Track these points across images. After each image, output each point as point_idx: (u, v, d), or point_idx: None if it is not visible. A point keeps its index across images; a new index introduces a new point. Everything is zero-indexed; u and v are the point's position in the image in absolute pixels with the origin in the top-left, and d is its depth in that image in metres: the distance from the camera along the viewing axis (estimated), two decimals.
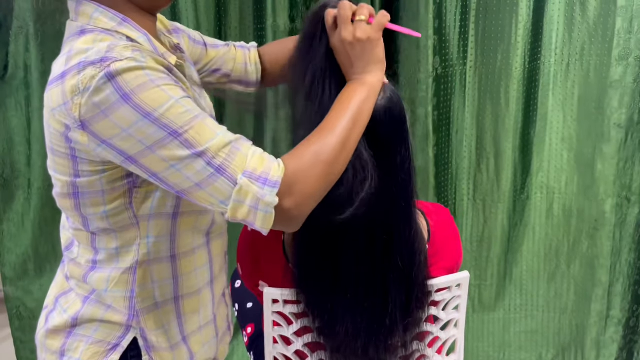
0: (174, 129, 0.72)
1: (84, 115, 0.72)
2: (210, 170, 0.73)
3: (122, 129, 0.71)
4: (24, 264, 1.93)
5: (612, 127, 1.70)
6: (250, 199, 0.74)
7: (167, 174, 0.74)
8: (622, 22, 1.62)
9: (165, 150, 0.72)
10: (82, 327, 0.87)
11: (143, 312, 0.87)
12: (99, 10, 0.79)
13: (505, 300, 1.91)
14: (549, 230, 1.85)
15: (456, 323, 1.11)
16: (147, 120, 0.71)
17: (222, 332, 1.01)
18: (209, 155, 0.73)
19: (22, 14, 1.76)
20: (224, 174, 0.74)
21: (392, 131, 0.93)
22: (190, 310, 0.91)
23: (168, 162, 0.73)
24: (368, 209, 0.93)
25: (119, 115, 0.71)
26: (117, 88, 0.70)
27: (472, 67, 1.76)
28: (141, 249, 0.84)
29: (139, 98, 0.71)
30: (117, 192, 0.80)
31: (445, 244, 1.09)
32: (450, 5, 1.71)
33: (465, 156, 1.82)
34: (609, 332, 1.84)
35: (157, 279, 0.87)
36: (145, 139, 0.72)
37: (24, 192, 1.89)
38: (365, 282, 0.98)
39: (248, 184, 0.74)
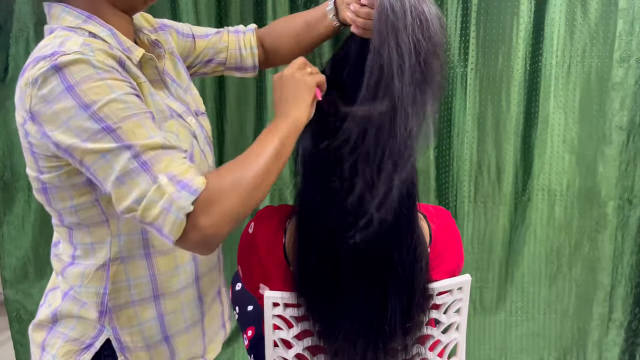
0: (108, 123, 0.72)
1: (33, 106, 0.74)
2: (135, 164, 0.72)
3: (63, 120, 0.73)
4: (24, 267, 1.94)
5: (614, 129, 1.69)
6: (164, 199, 0.72)
7: (97, 166, 0.73)
8: (624, 24, 1.62)
9: (97, 143, 0.72)
10: (61, 324, 0.89)
11: (116, 309, 0.87)
12: (65, 10, 0.82)
13: (507, 303, 1.91)
14: (551, 232, 1.84)
15: (457, 326, 1.10)
16: (84, 113, 0.72)
17: (212, 330, 1.00)
18: (136, 150, 0.72)
19: (22, 17, 1.77)
20: (147, 170, 0.72)
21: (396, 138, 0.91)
22: (172, 309, 0.91)
23: (99, 154, 0.72)
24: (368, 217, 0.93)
25: (60, 106, 0.72)
26: (62, 79, 0.72)
27: (472, 69, 1.76)
28: (113, 246, 0.85)
29: (81, 89, 0.72)
30: (80, 188, 0.81)
31: (447, 247, 1.08)
32: (451, 7, 1.71)
33: (466, 158, 1.82)
34: (611, 335, 1.83)
35: (132, 277, 0.87)
36: (81, 132, 0.72)
37: (24, 195, 1.89)
38: (364, 291, 0.97)
39: (167, 183, 0.72)
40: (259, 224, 1.06)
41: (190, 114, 0.95)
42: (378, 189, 0.92)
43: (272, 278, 1.03)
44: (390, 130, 0.89)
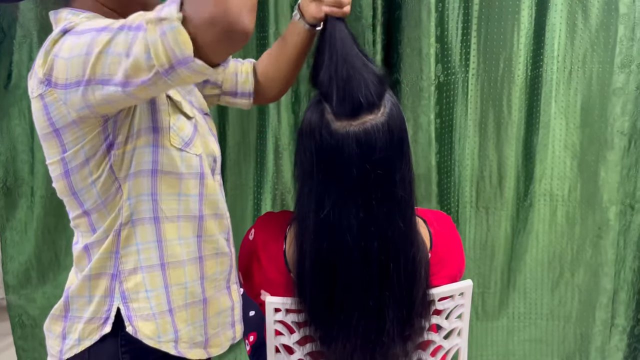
0: (102, 26, 0.76)
1: (45, 71, 0.79)
2: (130, 34, 0.73)
3: (68, 58, 0.76)
4: (27, 272, 1.94)
5: (615, 135, 1.69)
6: (157, 28, 0.69)
7: (107, 66, 0.74)
8: (624, 30, 1.62)
9: (98, 45, 0.74)
10: (74, 309, 0.94)
11: (124, 273, 0.91)
12: (72, 12, 0.87)
13: (509, 308, 1.90)
14: (553, 237, 1.84)
15: (459, 332, 1.10)
16: (83, 35, 0.76)
17: (216, 323, 1.01)
18: (127, 24, 0.74)
19: (26, 24, 1.78)
20: (139, 29, 0.72)
21: (392, 149, 0.91)
22: (176, 281, 0.94)
23: (103, 53, 0.74)
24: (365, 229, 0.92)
25: (65, 48, 0.77)
26: (71, 33, 0.77)
27: (474, 75, 1.76)
28: (124, 210, 0.89)
29: (81, 27, 0.78)
30: (99, 158, 0.86)
31: (448, 252, 1.08)
32: (452, 13, 1.72)
33: (467, 163, 1.81)
34: (614, 341, 1.82)
35: (141, 241, 0.91)
36: (82, 49, 0.75)
37: (27, 200, 1.90)
38: (361, 302, 0.97)
39: (150, 16, 0.71)
40: (260, 231, 1.06)
41: (195, 108, 0.99)
42: (375, 204, 0.92)
43: (273, 284, 1.03)
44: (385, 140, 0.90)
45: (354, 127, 0.89)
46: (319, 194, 0.93)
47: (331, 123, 0.89)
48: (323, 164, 0.91)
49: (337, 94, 0.90)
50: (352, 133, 0.88)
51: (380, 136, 0.89)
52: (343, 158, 0.89)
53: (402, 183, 0.93)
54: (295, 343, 1.04)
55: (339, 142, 0.89)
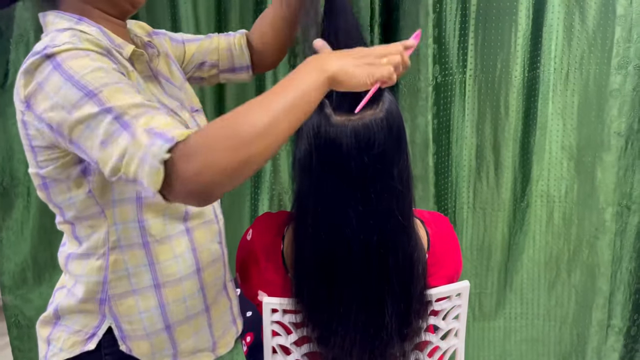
0: (90, 89, 0.73)
1: (27, 94, 0.78)
2: (116, 125, 0.71)
3: (51, 97, 0.75)
4: (23, 272, 1.93)
5: (612, 136, 1.69)
6: (141, 151, 0.69)
7: (84, 137, 0.74)
8: (621, 31, 1.63)
9: (81, 111, 0.73)
10: (64, 319, 0.93)
11: (115, 298, 0.90)
12: (58, 16, 0.85)
13: (506, 309, 1.90)
14: (549, 238, 1.84)
15: (456, 332, 1.10)
16: (69, 83, 0.73)
17: (221, 325, 1.01)
18: (118, 112, 0.71)
19: (22, 23, 1.77)
20: (127, 128, 0.70)
21: (390, 143, 0.92)
22: (173, 298, 0.93)
23: (83, 123, 0.73)
24: (364, 223, 0.93)
25: (50, 84, 0.75)
26: (52, 62, 0.75)
27: (471, 76, 1.76)
28: (111, 235, 0.88)
29: (68, 65, 0.75)
30: (75, 180, 0.85)
31: (445, 253, 1.08)
32: (450, 14, 1.72)
33: (465, 164, 1.82)
34: (610, 341, 1.83)
35: (131, 266, 0.89)
36: (66, 103, 0.74)
37: (23, 200, 1.89)
38: (361, 296, 0.97)
39: (143, 135, 0.69)
40: (257, 231, 1.06)
41: (184, 109, 0.98)
42: (374, 198, 0.93)
43: (270, 285, 1.03)
44: (384, 135, 0.90)
45: (353, 121, 0.89)
46: (318, 188, 0.94)
47: (330, 117, 0.90)
48: (322, 158, 0.91)
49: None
50: (351, 127, 0.89)
51: (379, 131, 0.90)
52: (342, 152, 0.89)
53: (400, 177, 0.93)
54: (293, 344, 1.04)
55: (337, 136, 0.89)
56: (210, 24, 1.76)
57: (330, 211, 0.93)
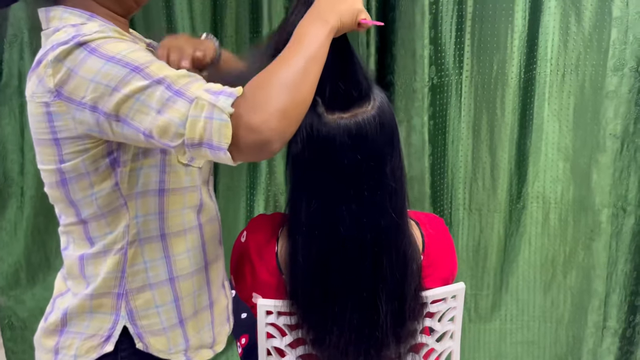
0: (136, 65, 0.74)
1: (57, 82, 0.76)
2: (169, 93, 0.73)
3: (90, 79, 0.74)
4: (16, 273, 1.92)
5: (608, 137, 1.70)
6: (205, 110, 0.72)
7: (134, 111, 0.74)
8: (617, 33, 1.63)
9: (129, 85, 0.73)
10: (73, 324, 0.90)
11: (132, 292, 0.89)
12: (67, 11, 0.84)
13: (502, 311, 1.90)
14: (545, 240, 1.84)
15: (452, 334, 1.09)
16: (111, 63, 0.74)
17: (220, 321, 1.02)
18: (168, 81, 0.73)
19: (16, 23, 1.76)
20: (182, 95, 0.73)
21: (383, 141, 0.92)
22: (186, 293, 0.94)
23: (132, 97, 0.73)
24: (358, 221, 0.93)
25: (86, 68, 0.74)
26: (86, 49, 0.75)
27: (467, 77, 1.76)
28: (131, 229, 0.87)
29: (104, 48, 0.75)
30: (102, 173, 0.83)
31: (440, 254, 1.08)
32: (446, 15, 1.71)
33: (461, 166, 1.82)
34: (606, 343, 1.83)
35: (149, 259, 0.89)
36: (110, 81, 0.73)
37: (17, 201, 1.88)
38: (355, 296, 0.97)
39: (204, 95, 0.72)
40: (252, 233, 1.06)
41: None
42: (367, 195, 0.93)
43: (265, 286, 1.03)
44: (376, 132, 0.90)
45: (345, 119, 0.90)
46: (312, 187, 0.94)
47: (323, 116, 0.90)
48: (315, 156, 0.92)
49: (329, 87, 0.90)
50: (343, 125, 0.89)
51: (371, 128, 0.90)
52: (335, 150, 0.90)
53: (393, 175, 0.94)
54: (287, 346, 1.04)
55: (330, 134, 0.90)
56: (205, 24, 1.75)
57: (324, 209, 0.93)
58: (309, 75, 0.77)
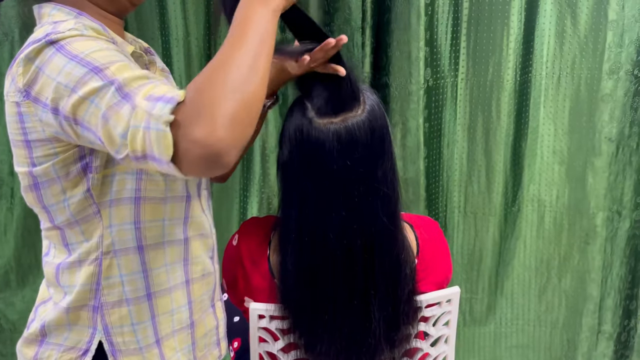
0: (96, 65, 0.70)
1: (26, 81, 0.73)
2: (118, 97, 0.67)
3: (53, 79, 0.71)
4: (6, 275, 1.90)
5: (603, 141, 1.69)
6: (143, 119, 0.65)
7: (89, 115, 0.70)
8: (613, 36, 1.63)
9: (86, 87, 0.69)
10: (52, 336, 0.87)
11: (108, 307, 0.85)
12: (56, 8, 0.82)
13: (496, 314, 1.90)
14: (540, 243, 1.84)
15: (446, 339, 1.09)
16: (73, 62, 0.70)
17: (204, 344, 0.97)
18: (120, 83, 0.68)
19: (7, 21, 1.74)
20: (129, 100, 0.67)
21: (373, 145, 0.91)
22: (163, 310, 0.89)
23: (88, 99, 0.69)
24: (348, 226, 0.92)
25: (51, 66, 0.71)
26: (55, 46, 0.72)
27: (463, 79, 1.75)
28: (105, 239, 0.83)
29: (72, 46, 0.72)
30: (73, 179, 0.80)
31: (435, 258, 1.07)
32: (442, 17, 1.71)
33: (456, 168, 1.81)
34: (601, 347, 1.83)
35: (125, 272, 0.85)
36: (70, 81, 0.70)
37: (7, 202, 1.86)
38: (346, 302, 0.96)
39: (142, 103, 0.66)
40: (244, 236, 1.05)
41: None
42: (358, 200, 0.92)
43: (257, 290, 1.02)
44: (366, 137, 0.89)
45: (335, 124, 0.89)
46: (302, 192, 0.93)
47: (313, 120, 0.90)
48: (305, 161, 0.91)
49: (319, 92, 0.90)
50: (333, 129, 0.89)
51: (361, 133, 0.89)
52: (324, 155, 0.89)
53: (385, 179, 0.93)
54: (280, 350, 1.02)
55: (320, 139, 0.89)
56: (199, 24, 1.74)
57: (314, 215, 0.93)
58: (258, 67, 0.68)
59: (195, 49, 1.74)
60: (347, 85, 0.91)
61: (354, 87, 0.92)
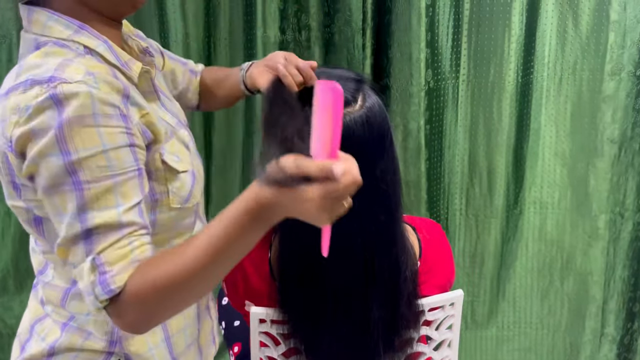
0: (80, 180, 0.66)
1: (14, 135, 0.67)
2: (79, 230, 0.67)
3: (38, 157, 0.67)
4: (4, 280, 1.89)
5: (605, 142, 1.69)
6: (86, 283, 0.68)
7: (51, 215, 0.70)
8: (615, 37, 1.62)
9: (59, 197, 0.67)
10: (59, 356, 0.82)
11: (127, 337, 0.82)
12: (52, 18, 0.74)
13: (499, 317, 1.89)
14: (542, 246, 1.83)
15: (449, 343, 1.07)
16: (61, 160, 0.66)
17: (206, 347, 0.97)
18: (88, 223, 0.67)
19: (5, 24, 1.74)
20: (88, 243, 0.67)
21: (371, 143, 0.89)
22: (177, 329, 0.88)
23: (57, 208, 0.68)
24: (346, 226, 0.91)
25: (43, 143, 0.66)
26: (58, 114, 0.65)
27: (464, 81, 1.75)
28: None
29: (71, 131, 0.66)
30: None
31: (437, 261, 1.06)
32: (443, 19, 1.70)
33: (457, 170, 1.80)
34: (604, 350, 1.82)
35: None
36: (50, 176, 0.67)
37: (4, 206, 1.85)
38: (345, 303, 0.95)
39: (91, 270, 0.67)
40: None
41: (182, 126, 0.90)
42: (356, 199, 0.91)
43: (257, 294, 1.00)
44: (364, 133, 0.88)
45: None
46: None
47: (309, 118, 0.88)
48: None
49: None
50: None
51: (357, 128, 0.87)
52: None
53: (384, 178, 0.91)
54: (281, 355, 1.01)
55: None
56: (198, 26, 1.73)
57: None
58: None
59: (195, 51, 1.74)
60: (345, 83, 0.89)
61: (351, 85, 0.90)
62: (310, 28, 1.69)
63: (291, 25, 1.68)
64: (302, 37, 1.69)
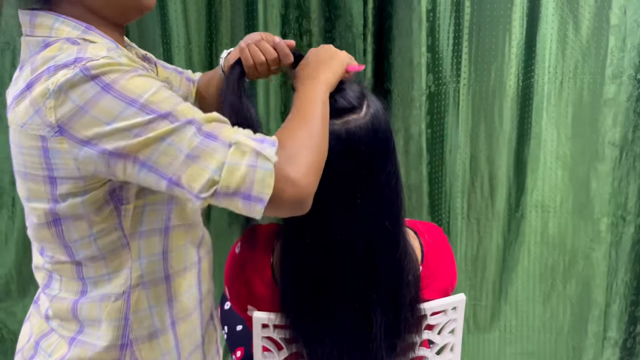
0: (162, 111, 0.68)
1: (60, 117, 0.67)
2: (200, 137, 0.68)
3: (106, 122, 0.67)
4: (7, 285, 1.89)
5: (607, 146, 1.69)
6: (248, 157, 0.68)
7: (159, 153, 0.68)
8: (615, 41, 1.62)
9: (155, 130, 0.67)
10: None
11: (137, 342, 0.81)
12: (59, 20, 0.74)
13: (501, 321, 1.88)
14: (544, 249, 1.82)
15: (452, 347, 1.07)
16: (132, 108, 0.67)
17: (210, 355, 0.97)
18: (198, 122, 0.69)
19: (8, 30, 1.75)
20: (216, 139, 0.68)
21: (376, 148, 0.90)
22: (184, 334, 0.87)
23: (159, 139, 0.67)
24: (350, 230, 0.91)
25: (100, 108, 0.66)
26: (97, 81, 0.67)
27: (465, 85, 1.75)
28: (133, 271, 0.79)
29: (121, 86, 0.67)
30: (102, 213, 0.75)
31: (439, 265, 1.06)
32: (444, 23, 1.71)
33: (459, 174, 1.80)
34: (606, 354, 1.81)
35: (154, 304, 0.82)
36: (133, 128, 0.67)
37: (8, 211, 1.85)
38: (346, 307, 0.95)
39: (246, 141, 0.69)
40: (246, 244, 1.04)
41: None
42: (360, 203, 0.91)
43: (260, 299, 1.01)
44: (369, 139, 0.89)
45: (336, 125, 0.88)
46: None
47: None
48: None
49: None
50: (333, 131, 0.88)
51: (363, 134, 0.88)
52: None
53: (388, 183, 0.92)
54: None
55: None
56: (200, 32, 1.73)
57: (316, 218, 0.91)
58: (325, 135, 0.79)
59: (197, 57, 1.74)
60: (350, 88, 0.91)
61: (357, 91, 0.91)
62: (311, 33, 1.69)
63: (292, 31, 1.69)
64: (304, 43, 1.70)
